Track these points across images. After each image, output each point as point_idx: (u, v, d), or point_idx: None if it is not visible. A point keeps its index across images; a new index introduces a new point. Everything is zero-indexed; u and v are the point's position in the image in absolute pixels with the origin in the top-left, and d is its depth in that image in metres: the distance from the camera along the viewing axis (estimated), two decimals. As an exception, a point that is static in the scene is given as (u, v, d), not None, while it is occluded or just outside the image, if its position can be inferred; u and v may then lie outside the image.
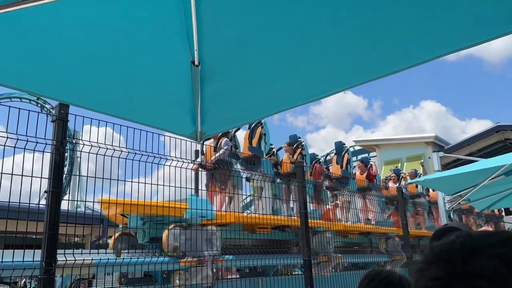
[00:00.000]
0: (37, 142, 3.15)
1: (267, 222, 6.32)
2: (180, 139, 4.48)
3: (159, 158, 4.13)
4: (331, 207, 8.83)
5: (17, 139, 3.09)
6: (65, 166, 3.17)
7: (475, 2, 1.50)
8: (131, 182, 4.03)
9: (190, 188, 5.75)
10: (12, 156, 3.28)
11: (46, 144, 3.19)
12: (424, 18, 1.61)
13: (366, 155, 19.88)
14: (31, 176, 3.22)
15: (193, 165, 4.73)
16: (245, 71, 2.02)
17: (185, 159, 4.54)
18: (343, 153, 10.19)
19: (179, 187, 4.59)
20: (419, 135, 20.22)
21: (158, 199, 4.78)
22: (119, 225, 5.68)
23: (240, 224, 6.26)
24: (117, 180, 4.01)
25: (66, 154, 3.35)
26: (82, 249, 4.94)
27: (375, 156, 21.32)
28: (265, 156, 7.79)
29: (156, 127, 2.46)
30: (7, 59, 1.70)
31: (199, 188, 6.49)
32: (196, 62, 1.82)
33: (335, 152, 10.65)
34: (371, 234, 9.25)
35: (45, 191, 3.15)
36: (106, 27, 1.64)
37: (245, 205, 7.60)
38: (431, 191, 12.75)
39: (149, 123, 2.38)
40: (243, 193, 7.01)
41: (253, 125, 7.71)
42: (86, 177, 3.79)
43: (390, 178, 12.31)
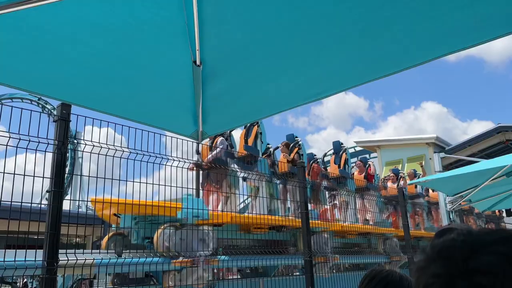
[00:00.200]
0: (39, 142, 3.16)
1: (263, 222, 6.22)
2: (181, 139, 4.48)
3: (161, 158, 4.14)
4: (328, 207, 8.77)
5: (19, 139, 3.10)
6: (66, 166, 3.17)
7: (476, 2, 1.50)
8: (132, 182, 4.03)
9: (192, 188, 5.76)
10: (13, 157, 3.28)
11: (48, 144, 3.19)
12: (425, 18, 1.61)
13: (367, 156, 19.86)
14: (33, 176, 3.23)
15: (189, 164, 4.70)
16: (246, 71, 2.02)
17: (186, 159, 4.54)
18: (341, 152, 10.13)
19: (180, 187, 4.60)
20: (420, 136, 20.15)
21: (160, 199, 4.79)
22: (113, 225, 5.61)
23: (235, 224, 6.19)
24: (118, 180, 4.02)
25: (68, 154, 3.36)
26: (84, 249, 4.96)
27: (375, 157, 21.28)
28: (262, 156, 7.69)
29: (158, 127, 2.47)
30: (9, 59, 1.70)
31: (200, 188, 6.48)
32: (198, 62, 1.83)
33: (333, 152, 10.59)
34: (369, 235, 9.21)
35: (47, 191, 3.16)
36: (108, 27, 1.65)
37: (242, 208, 7.49)
38: (430, 191, 12.72)
39: (151, 123, 2.38)
40: (239, 192, 6.91)
41: (248, 124, 7.53)
42: (88, 176, 3.79)
43: (388, 178, 12.27)
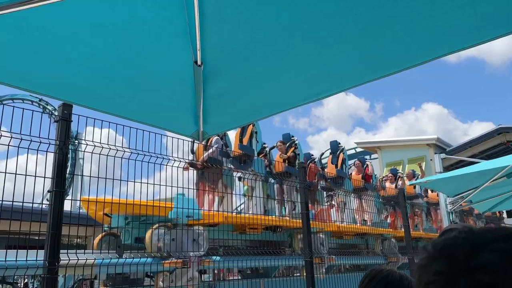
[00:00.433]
0: (40, 142, 3.16)
1: (257, 223, 6.17)
2: (177, 138, 4.48)
3: (155, 157, 4.14)
4: (325, 207, 8.70)
5: (21, 139, 3.10)
6: (67, 167, 3.17)
7: (477, 1, 1.50)
8: (127, 181, 4.04)
9: (193, 189, 5.74)
10: (14, 157, 3.29)
11: (50, 144, 3.20)
12: (426, 17, 1.62)
13: (368, 157, 19.83)
14: (35, 176, 3.23)
15: (183, 164, 4.67)
16: (247, 71, 2.02)
17: (181, 158, 4.53)
18: (338, 152, 10.05)
19: (181, 187, 4.61)
20: (421, 137, 20.12)
21: (160, 199, 4.79)
22: (105, 226, 5.57)
23: (229, 225, 6.13)
24: (120, 180, 4.02)
25: (69, 155, 3.36)
26: (85, 250, 4.96)
27: (376, 158, 21.26)
28: (259, 156, 7.61)
29: (159, 126, 2.47)
30: (11, 59, 1.71)
31: (194, 188, 6.42)
32: (199, 62, 1.83)
33: (330, 151, 10.50)
34: (367, 235, 9.14)
35: (48, 191, 3.16)
36: (109, 27, 1.65)
37: (239, 212, 7.41)
38: (429, 192, 12.68)
39: (152, 122, 2.38)
40: (234, 192, 6.83)
41: (244, 123, 7.50)
42: (89, 177, 3.80)
43: (387, 178, 12.21)
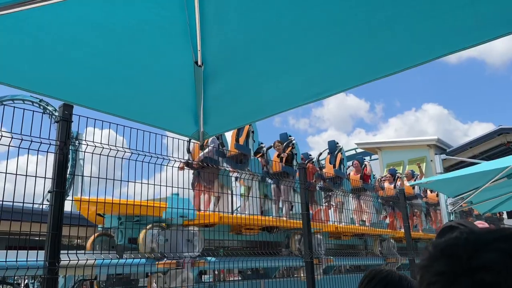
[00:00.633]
0: (41, 143, 3.17)
1: (254, 223, 6.13)
2: (182, 139, 4.49)
3: (162, 159, 4.15)
4: (322, 207, 8.65)
5: (21, 139, 3.10)
6: (68, 168, 3.17)
7: (477, 1, 1.50)
8: (134, 182, 4.04)
9: (188, 189, 5.73)
10: (15, 158, 3.29)
11: (50, 144, 3.20)
12: (426, 17, 1.62)
13: (368, 158, 19.82)
14: (35, 176, 3.23)
15: (179, 163, 4.65)
16: (248, 71, 2.03)
17: (176, 158, 4.52)
18: (336, 152, 9.98)
19: (182, 187, 4.61)
20: (421, 137, 20.13)
21: (161, 199, 4.79)
22: (98, 226, 5.54)
23: (225, 225, 6.08)
24: (120, 181, 4.02)
25: (69, 156, 3.36)
26: (85, 251, 4.96)
27: (377, 159, 21.26)
28: (256, 156, 7.56)
29: (159, 127, 2.47)
30: (12, 59, 1.71)
31: (190, 188, 6.40)
32: (199, 63, 1.83)
33: (328, 151, 10.42)
34: (365, 236, 9.09)
35: (48, 191, 3.16)
36: (109, 28, 1.66)
37: (234, 212, 7.38)
38: (429, 192, 12.64)
39: (152, 123, 2.38)
40: (230, 192, 6.77)
41: (240, 123, 7.39)
42: (90, 177, 3.80)
43: (385, 178, 12.17)
